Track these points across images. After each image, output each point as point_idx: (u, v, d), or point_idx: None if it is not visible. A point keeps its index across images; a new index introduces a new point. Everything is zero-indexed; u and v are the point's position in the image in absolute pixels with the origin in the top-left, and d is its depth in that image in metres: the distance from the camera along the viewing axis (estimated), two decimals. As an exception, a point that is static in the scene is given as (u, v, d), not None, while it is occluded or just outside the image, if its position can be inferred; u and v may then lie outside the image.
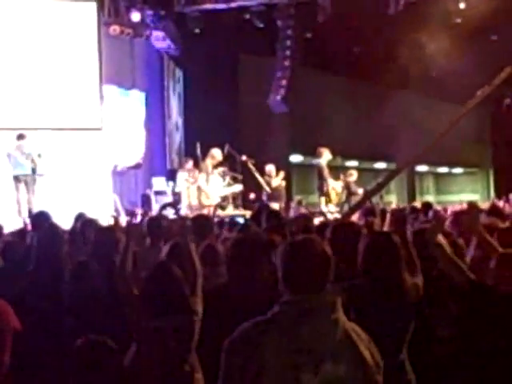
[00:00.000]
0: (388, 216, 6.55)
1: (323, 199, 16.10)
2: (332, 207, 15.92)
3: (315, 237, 3.23)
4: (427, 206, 10.42)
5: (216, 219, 9.65)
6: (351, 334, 2.96)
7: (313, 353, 2.87)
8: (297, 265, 3.01)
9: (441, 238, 4.70)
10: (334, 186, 16.44)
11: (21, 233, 7.60)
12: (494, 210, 8.70)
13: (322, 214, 12.24)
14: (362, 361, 2.92)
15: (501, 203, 14.31)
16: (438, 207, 12.77)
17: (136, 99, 19.23)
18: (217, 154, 15.87)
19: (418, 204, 13.03)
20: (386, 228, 6.34)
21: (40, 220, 7.35)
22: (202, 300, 4.61)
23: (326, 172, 16.21)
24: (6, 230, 8.34)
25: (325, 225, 6.60)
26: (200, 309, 4.55)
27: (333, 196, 16.36)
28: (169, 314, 4.42)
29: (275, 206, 14.21)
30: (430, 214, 8.66)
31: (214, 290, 4.79)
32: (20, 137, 14.05)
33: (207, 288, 4.84)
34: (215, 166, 16.01)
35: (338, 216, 12.87)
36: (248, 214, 12.45)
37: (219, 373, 3.00)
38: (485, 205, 12.91)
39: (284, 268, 3.04)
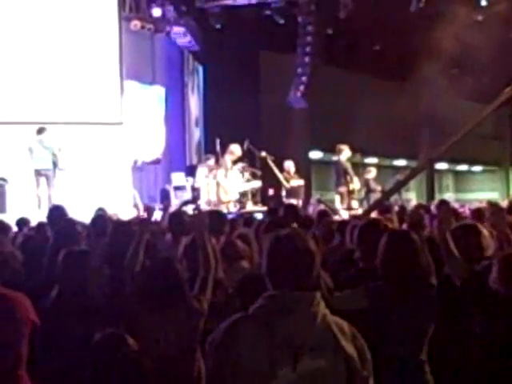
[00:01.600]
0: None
1: (338, 197, 16.04)
2: (355, 203, 15.88)
3: (300, 231, 3.17)
4: (443, 203, 10.18)
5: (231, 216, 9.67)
6: (332, 327, 2.89)
7: (290, 347, 2.81)
8: (277, 259, 2.96)
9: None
10: (356, 183, 16.39)
11: (40, 227, 7.65)
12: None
13: (335, 211, 12.12)
14: (343, 354, 2.85)
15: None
16: (456, 205, 12.66)
17: (156, 94, 19.27)
18: (236, 149, 15.85)
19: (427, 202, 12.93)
20: (404, 227, 6.33)
21: (55, 214, 7.37)
22: (207, 300, 4.60)
23: (349, 169, 16.13)
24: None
25: (346, 223, 6.60)
26: (204, 306, 4.54)
27: (356, 193, 16.34)
28: (165, 309, 4.43)
29: (294, 202, 14.19)
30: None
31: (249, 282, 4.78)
32: (41, 131, 14.10)
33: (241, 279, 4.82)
34: (234, 162, 15.99)
35: (356, 213, 12.82)
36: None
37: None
38: (503, 203, 12.83)
39: (266, 262, 3.00)
